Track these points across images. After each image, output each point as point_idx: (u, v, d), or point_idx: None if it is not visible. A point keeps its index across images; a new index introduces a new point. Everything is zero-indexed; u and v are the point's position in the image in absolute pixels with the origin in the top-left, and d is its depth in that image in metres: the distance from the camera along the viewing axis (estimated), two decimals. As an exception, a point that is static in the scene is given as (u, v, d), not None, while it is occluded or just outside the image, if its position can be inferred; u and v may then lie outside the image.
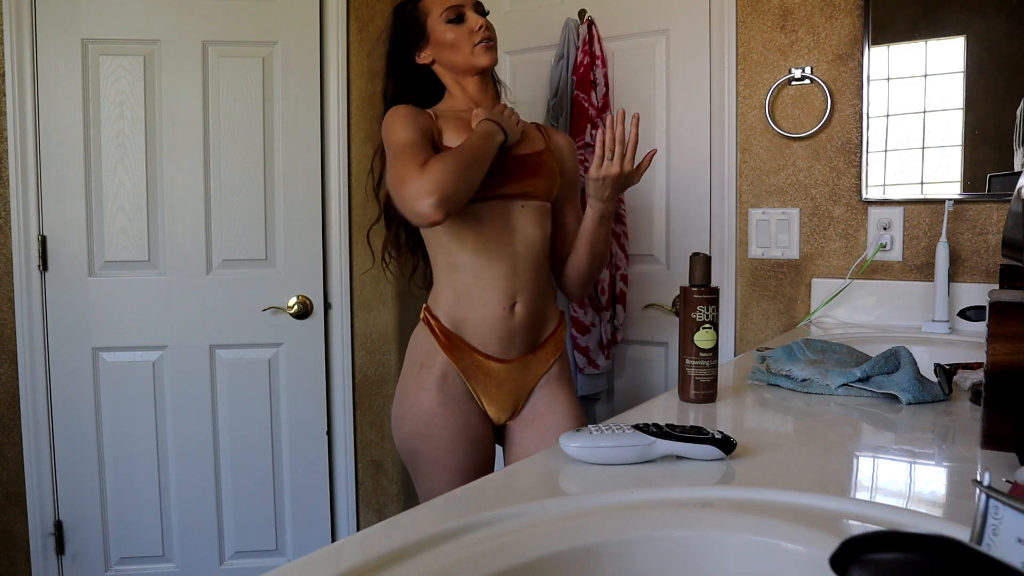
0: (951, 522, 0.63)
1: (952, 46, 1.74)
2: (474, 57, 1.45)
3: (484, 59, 1.45)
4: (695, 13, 2.03)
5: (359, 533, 0.65)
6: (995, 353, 0.81)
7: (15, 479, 2.19)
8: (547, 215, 1.50)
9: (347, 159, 2.32)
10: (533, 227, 1.45)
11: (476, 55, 1.45)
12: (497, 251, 1.42)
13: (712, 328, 1.08)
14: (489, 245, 1.41)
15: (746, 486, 0.72)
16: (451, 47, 1.45)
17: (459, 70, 1.48)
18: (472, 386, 1.44)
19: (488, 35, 1.45)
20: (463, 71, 1.48)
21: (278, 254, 2.29)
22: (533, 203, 1.46)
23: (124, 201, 2.20)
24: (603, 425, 0.82)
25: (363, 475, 2.42)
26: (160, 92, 2.19)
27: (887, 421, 1.00)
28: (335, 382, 2.36)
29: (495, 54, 1.47)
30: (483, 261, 1.41)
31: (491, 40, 1.46)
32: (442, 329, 1.44)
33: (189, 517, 2.27)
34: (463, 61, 1.46)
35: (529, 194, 1.45)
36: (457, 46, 1.45)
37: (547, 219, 1.50)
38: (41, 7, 2.12)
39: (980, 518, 0.45)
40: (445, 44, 1.45)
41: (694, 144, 2.06)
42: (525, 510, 0.66)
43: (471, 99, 1.49)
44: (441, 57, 1.48)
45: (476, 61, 1.45)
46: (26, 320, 2.16)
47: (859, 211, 1.87)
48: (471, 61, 1.45)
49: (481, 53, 1.45)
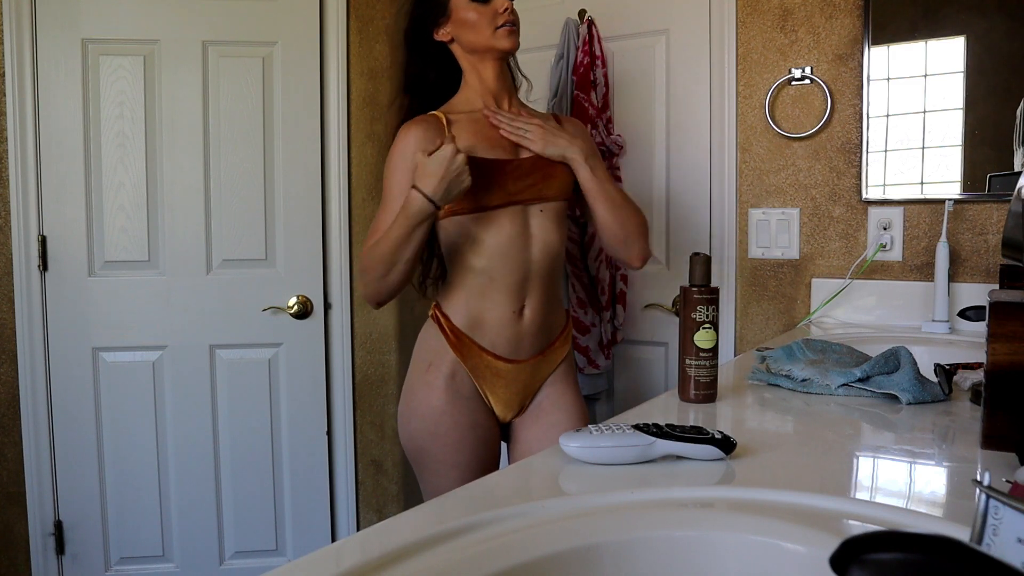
0: (951, 522, 0.63)
1: (952, 46, 1.74)
2: (495, 39, 1.39)
3: (506, 42, 1.39)
4: (695, 13, 2.03)
5: (359, 533, 0.65)
6: (995, 353, 0.81)
7: (15, 479, 2.19)
8: (564, 215, 1.48)
9: (347, 159, 2.32)
10: (551, 231, 1.43)
11: (498, 38, 1.39)
12: (513, 257, 1.40)
13: (712, 328, 1.08)
14: (505, 251, 1.39)
15: (746, 486, 0.72)
16: (472, 27, 1.39)
17: (479, 52, 1.42)
18: (480, 385, 1.44)
19: (512, 19, 1.40)
20: (483, 53, 1.42)
21: (278, 254, 2.29)
22: (551, 205, 1.44)
23: (124, 201, 2.20)
24: (603, 425, 0.82)
25: (363, 475, 2.42)
26: (160, 92, 2.19)
27: (887, 421, 1.00)
28: (335, 382, 2.36)
29: (517, 39, 1.41)
30: (498, 266, 1.39)
31: (515, 24, 1.40)
32: (452, 328, 1.43)
33: (189, 517, 2.27)
34: (483, 43, 1.39)
35: (546, 196, 1.42)
36: (479, 27, 1.39)
37: (564, 219, 1.48)
38: (41, 7, 2.12)
39: (980, 518, 0.45)
40: (467, 23, 1.40)
41: (694, 144, 2.06)
42: (525, 510, 0.66)
43: (487, 88, 1.44)
44: (461, 36, 1.42)
45: (497, 44, 1.39)
46: (26, 320, 2.16)
47: (859, 211, 1.87)
48: (492, 43, 1.39)
49: (504, 36, 1.38)
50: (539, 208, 1.42)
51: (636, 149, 2.13)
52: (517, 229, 1.40)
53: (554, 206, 1.44)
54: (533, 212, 1.42)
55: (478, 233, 1.39)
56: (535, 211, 1.42)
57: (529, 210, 1.42)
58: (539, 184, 1.41)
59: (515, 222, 1.40)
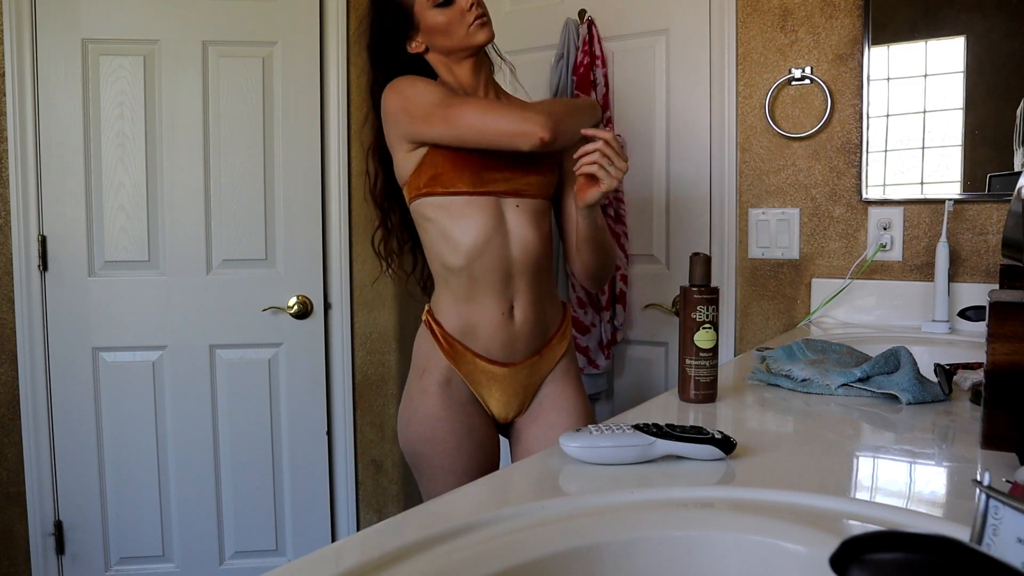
0: (951, 522, 0.63)
1: (952, 46, 1.74)
2: (469, 36, 1.37)
3: (481, 35, 1.38)
4: (695, 13, 2.03)
5: (359, 533, 0.65)
6: (995, 353, 0.81)
7: (15, 479, 2.19)
8: (545, 215, 1.44)
9: (347, 159, 2.32)
10: (529, 229, 1.39)
11: (471, 34, 1.37)
12: (491, 254, 1.37)
13: (712, 328, 1.08)
14: (481, 247, 1.36)
15: (746, 486, 0.72)
16: (444, 31, 1.38)
17: (456, 53, 1.41)
18: (476, 390, 1.42)
19: (481, 11, 1.39)
20: (460, 53, 1.41)
21: (278, 254, 2.29)
22: (528, 202, 1.40)
23: (124, 201, 2.20)
24: (603, 425, 0.81)
25: (363, 475, 2.42)
26: (160, 92, 2.19)
27: (887, 421, 1.00)
28: (335, 382, 2.36)
29: (491, 28, 1.39)
30: (477, 265, 1.37)
31: (485, 16, 1.39)
32: (444, 334, 1.41)
33: (189, 517, 2.27)
34: (459, 43, 1.38)
35: (523, 192, 1.40)
36: (450, 29, 1.38)
37: (545, 219, 1.44)
38: (41, 7, 2.12)
39: (980, 518, 0.45)
40: (437, 28, 1.38)
41: (694, 144, 2.06)
42: (525, 510, 0.66)
43: (462, 86, 1.44)
44: (434, 43, 1.41)
45: (472, 40, 1.37)
46: (26, 320, 2.16)
47: (859, 211, 1.87)
48: (467, 41, 1.38)
49: (477, 30, 1.37)
50: (515, 203, 1.39)
51: (636, 149, 2.13)
52: (492, 224, 1.37)
53: (531, 203, 1.41)
54: (508, 207, 1.39)
55: (451, 227, 1.37)
56: (510, 206, 1.39)
57: (504, 205, 1.38)
58: (515, 179, 1.39)
59: (489, 216, 1.37)
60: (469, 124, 1.29)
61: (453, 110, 1.31)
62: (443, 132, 1.32)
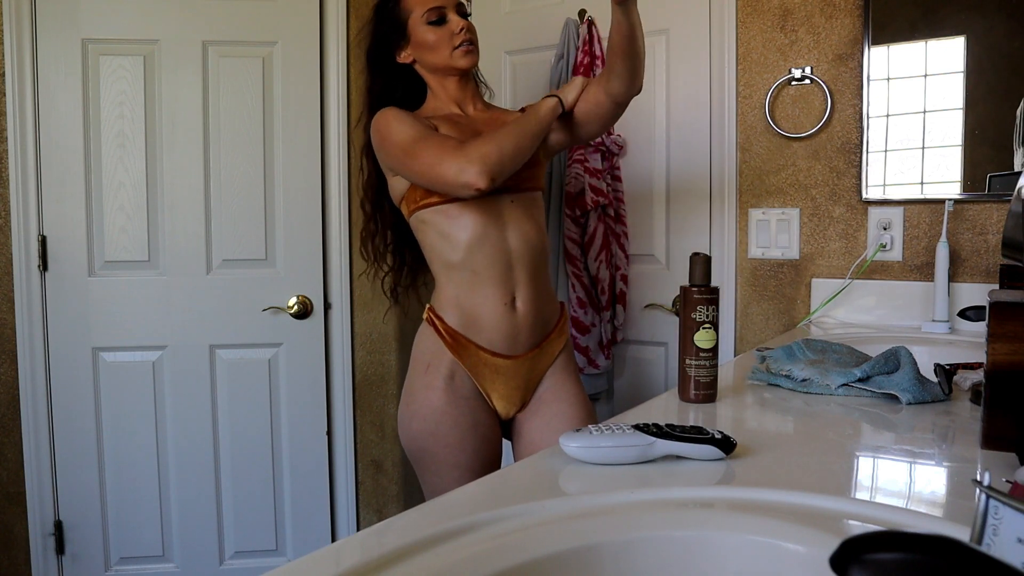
0: (951, 522, 0.63)
1: (952, 46, 1.74)
2: (453, 59, 1.46)
3: (463, 61, 1.46)
4: (695, 13, 2.03)
5: (359, 533, 0.65)
6: (995, 353, 0.81)
7: (15, 479, 2.19)
8: (539, 206, 1.51)
9: (347, 159, 2.32)
10: (525, 221, 1.45)
11: (456, 58, 1.45)
12: (491, 247, 1.42)
13: (712, 328, 1.08)
14: (481, 241, 1.41)
15: (746, 486, 0.72)
16: (431, 49, 1.46)
17: (439, 71, 1.49)
18: (480, 383, 1.45)
19: (469, 37, 1.46)
20: (443, 72, 1.49)
21: (278, 254, 2.29)
22: (523, 196, 1.46)
23: (124, 201, 2.20)
24: (603, 425, 0.82)
25: (363, 475, 2.42)
26: (160, 92, 2.19)
27: (887, 421, 1.00)
28: (335, 382, 2.36)
29: (475, 56, 1.48)
30: (478, 258, 1.42)
31: (472, 43, 1.47)
32: (447, 329, 1.44)
33: (189, 517, 2.27)
34: (443, 63, 1.47)
35: (517, 187, 1.45)
36: (437, 48, 1.46)
37: (540, 210, 1.51)
38: (41, 7, 2.12)
39: (980, 518, 0.45)
40: (425, 45, 1.46)
41: (694, 144, 2.06)
42: (525, 510, 0.66)
43: (452, 98, 1.51)
44: (422, 58, 1.49)
45: (455, 63, 1.46)
46: (26, 320, 2.16)
47: (859, 211, 1.87)
48: (450, 63, 1.46)
49: (461, 56, 1.46)
50: (509, 199, 1.44)
51: (636, 149, 2.13)
52: (490, 219, 1.42)
53: (525, 196, 1.47)
54: (504, 202, 1.44)
55: (450, 227, 1.41)
56: (505, 201, 1.44)
57: (500, 200, 1.43)
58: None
59: (486, 212, 1.41)
60: (422, 173, 1.36)
61: (410, 160, 1.37)
62: (408, 175, 1.40)
